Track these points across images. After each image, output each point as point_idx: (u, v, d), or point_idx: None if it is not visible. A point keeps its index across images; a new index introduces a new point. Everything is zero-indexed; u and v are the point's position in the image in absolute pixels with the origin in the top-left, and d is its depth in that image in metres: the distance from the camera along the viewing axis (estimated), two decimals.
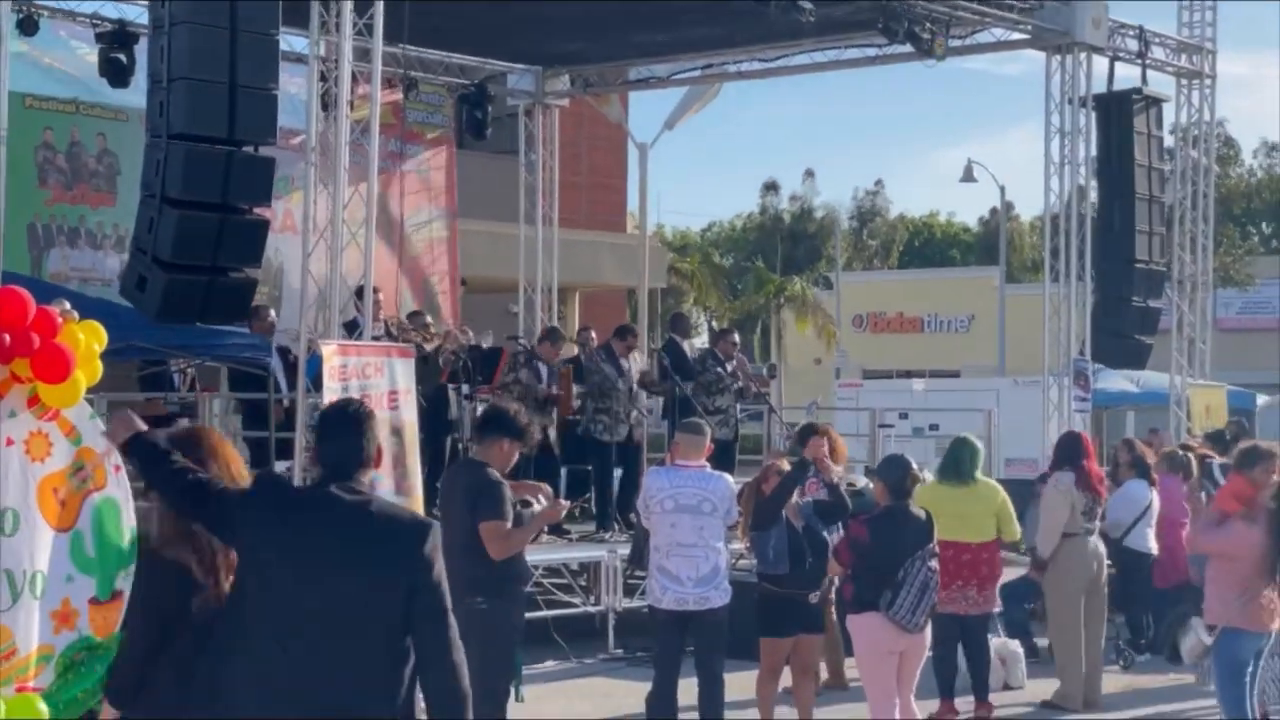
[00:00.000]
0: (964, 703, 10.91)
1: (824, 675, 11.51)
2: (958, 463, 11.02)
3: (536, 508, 8.59)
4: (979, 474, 11.12)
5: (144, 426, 5.34)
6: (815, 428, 11.32)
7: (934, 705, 10.65)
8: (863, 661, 9.13)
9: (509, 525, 8.21)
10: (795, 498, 9.89)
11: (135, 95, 15.03)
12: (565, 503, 9.29)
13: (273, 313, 14.33)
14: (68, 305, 9.31)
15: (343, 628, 4.82)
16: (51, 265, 17.10)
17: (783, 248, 61.05)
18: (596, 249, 25.26)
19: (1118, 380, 22.12)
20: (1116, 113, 17.39)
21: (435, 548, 4.88)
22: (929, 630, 9.06)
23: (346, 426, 5.14)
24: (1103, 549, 11.83)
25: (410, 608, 4.80)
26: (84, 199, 17.22)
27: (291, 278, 17.54)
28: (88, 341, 9.05)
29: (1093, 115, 17.30)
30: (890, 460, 9.37)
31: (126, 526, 9.17)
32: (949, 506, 10.33)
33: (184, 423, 14.33)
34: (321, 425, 5.31)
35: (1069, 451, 11.74)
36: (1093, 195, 17.76)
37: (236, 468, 5.31)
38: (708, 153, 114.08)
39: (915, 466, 9.20)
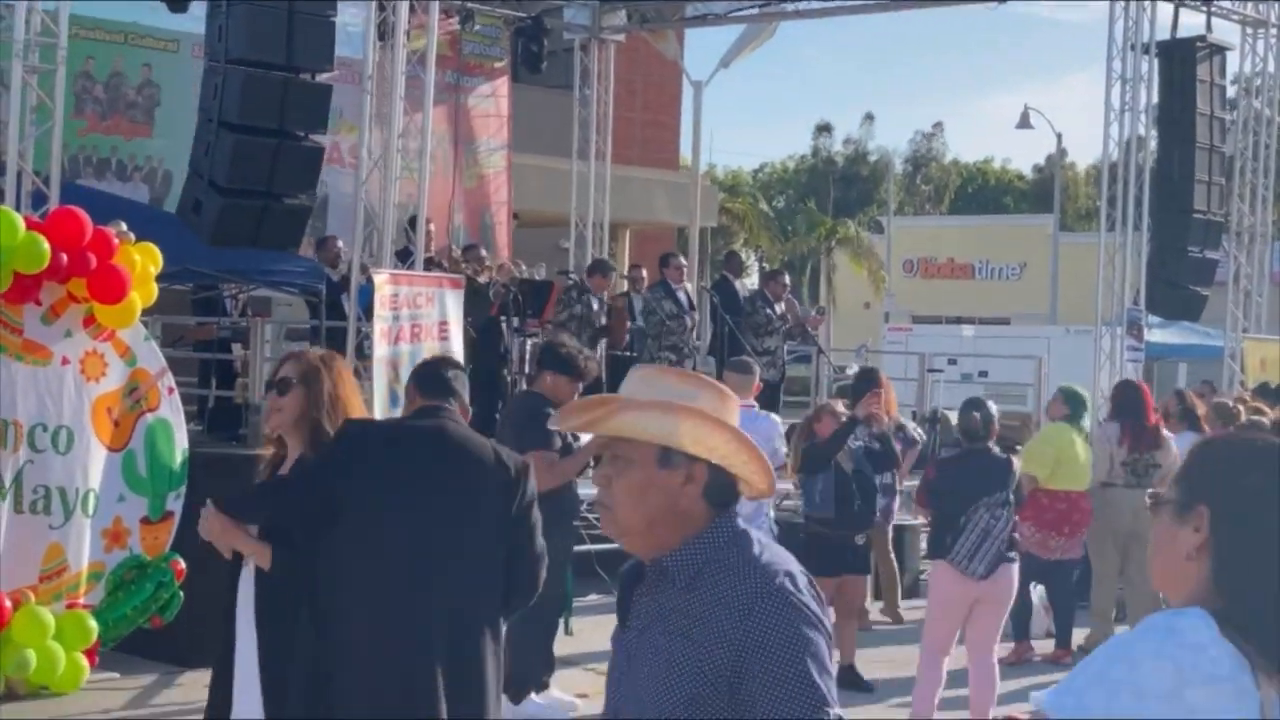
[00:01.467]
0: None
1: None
2: (1080, 407, 11.30)
3: (585, 438, 8.62)
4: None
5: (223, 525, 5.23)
6: (875, 376, 11.24)
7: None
8: (929, 607, 9.04)
9: (556, 456, 8.24)
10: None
11: (191, 21, 15.02)
12: None
13: (341, 242, 14.36)
14: (124, 227, 9.40)
15: (462, 539, 5.01)
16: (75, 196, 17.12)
17: (835, 190, 60.76)
18: (648, 186, 25.14)
19: (1173, 332, 21.97)
20: (1179, 60, 17.12)
21: (533, 485, 5.24)
22: (1008, 579, 8.71)
23: (440, 368, 5.41)
24: None
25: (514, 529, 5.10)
26: (117, 129, 17.22)
27: (339, 210, 17.56)
28: (144, 263, 9.16)
29: (1155, 62, 17.07)
30: (967, 403, 9.23)
31: (179, 448, 9.32)
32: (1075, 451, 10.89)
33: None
34: (419, 369, 5.53)
35: (1121, 403, 11.71)
36: (1152, 144, 17.55)
37: (353, 404, 5.31)
38: (762, 93, 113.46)
39: (991, 408, 9.05)
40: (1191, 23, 17.74)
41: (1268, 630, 2.38)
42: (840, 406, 10.07)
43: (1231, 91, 18.76)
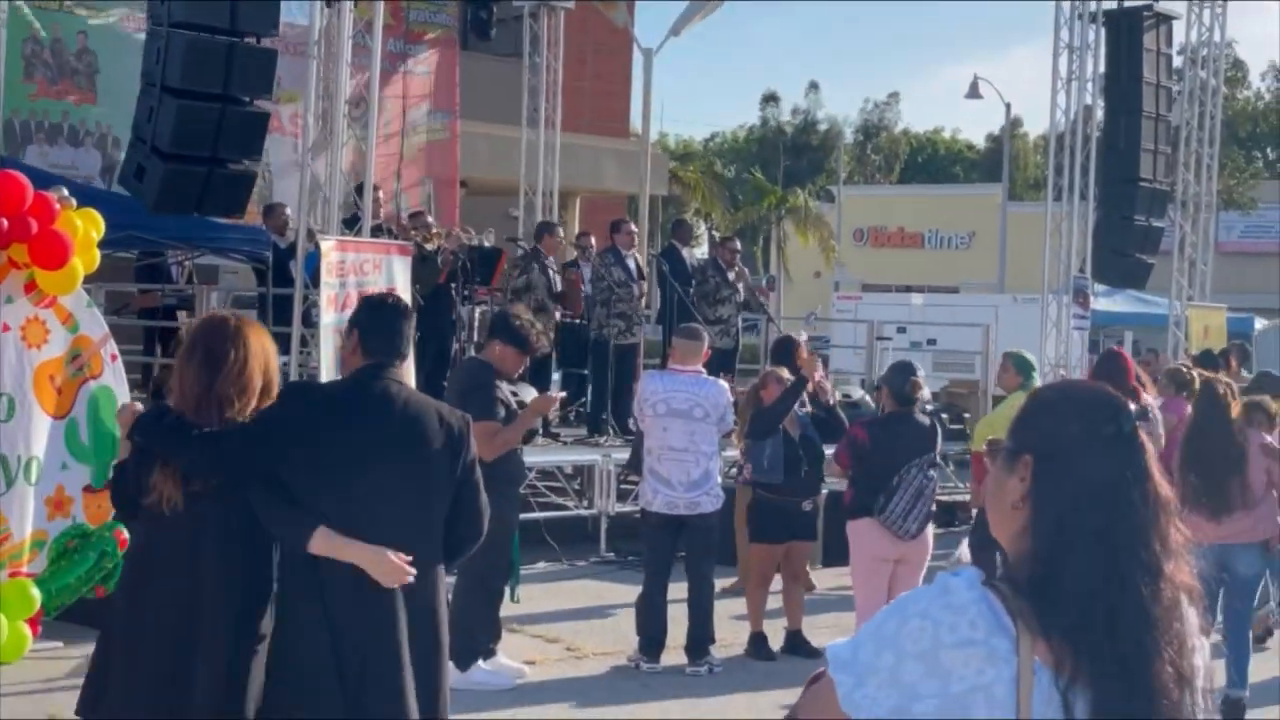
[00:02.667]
0: None
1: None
2: (1031, 372, 11.21)
3: (528, 400, 8.63)
4: None
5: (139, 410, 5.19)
6: (792, 343, 11.29)
7: None
8: (856, 568, 9.14)
9: (499, 425, 8.23)
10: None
11: None
12: (557, 394, 9.28)
13: (289, 210, 14.25)
14: (65, 192, 9.28)
15: (410, 504, 4.99)
16: (29, 162, 16.93)
17: (785, 160, 60.78)
18: (598, 154, 25.09)
19: (1118, 300, 22.10)
20: (1126, 29, 17.23)
21: (472, 441, 5.18)
22: (928, 540, 9.00)
23: (392, 318, 5.20)
24: None
25: (459, 489, 5.10)
26: (67, 94, 17.03)
27: (281, 180, 17.42)
28: (86, 229, 9.03)
29: (1102, 31, 17.16)
30: (896, 366, 9.31)
31: None
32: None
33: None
34: (367, 317, 5.25)
35: (1105, 371, 11.60)
36: (1099, 114, 17.65)
37: (266, 359, 5.17)
38: (713, 62, 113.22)
39: (920, 374, 9.15)
40: None
41: (1058, 583, 2.35)
42: (785, 373, 10.09)
43: (1178, 61, 18.86)
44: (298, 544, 4.85)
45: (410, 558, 4.87)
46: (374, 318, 5.22)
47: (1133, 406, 2.52)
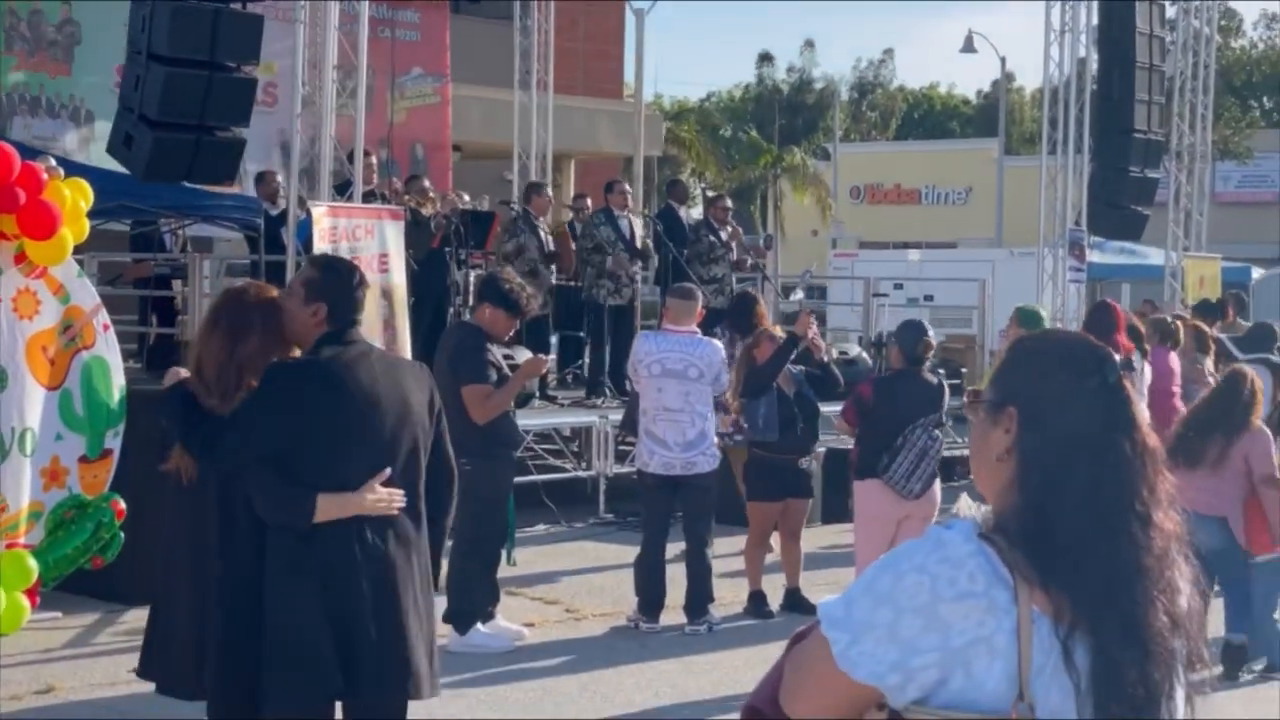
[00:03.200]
0: None
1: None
2: (1039, 326, 11.09)
3: (521, 362, 8.62)
4: None
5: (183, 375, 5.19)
6: (750, 294, 11.38)
7: None
8: (859, 527, 9.15)
9: (491, 388, 8.21)
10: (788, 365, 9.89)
11: None
12: (545, 356, 9.25)
13: (280, 177, 14.19)
14: (53, 162, 9.25)
15: (401, 466, 4.99)
16: (15, 135, 16.86)
17: (781, 118, 60.58)
18: (592, 116, 25.02)
19: (1115, 254, 22.06)
20: None
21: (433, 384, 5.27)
22: (935, 496, 8.98)
23: (350, 281, 5.16)
24: None
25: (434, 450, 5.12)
26: (42, 67, 16.95)
27: (257, 148, 17.26)
28: (74, 198, 9.01)
29: None
30: (906, 325, 9.28)
31: (116, 386, 9.20)
32: None
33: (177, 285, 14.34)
34: (330, 286, 5.14)
35: (1095, 323, 11.57)
36: (1093, 66, 17.57)
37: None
38: (707, 21, 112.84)
39: (930, 333, 9.13)
40: None
41: (1051, 535, 2.34)
42: (779, 331, 10.08)
43: (1171, 11, 18.77)
44: (302, 521, 4.81)
45: (387, 473, 4.92)
46: (336, 285, 5.12)
47: (1117, 357, 2.51)
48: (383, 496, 4.88)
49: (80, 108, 17.06)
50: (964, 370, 17.70)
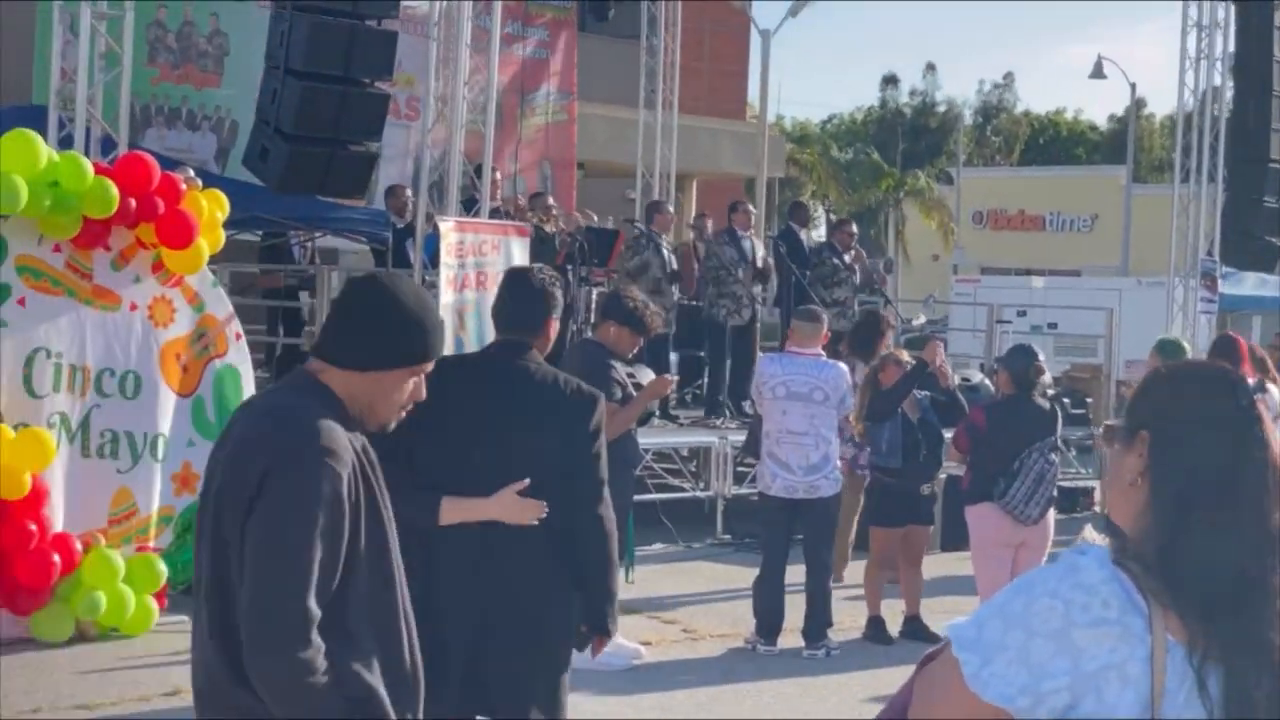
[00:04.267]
0: None
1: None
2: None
3: (646, 382, 8.62)
4: None
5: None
6: (876, 314, 11.30)
7: None
8: (975, 553, 9.04)
9: (617, 405, 8.21)
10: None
11: None
12: (672, 376, 9.25)
13: (409, 191, 14.35)
14: (191, 173, 9.44)
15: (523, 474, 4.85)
16: (147, 145, 17.19)
17: (903, 142, 60.25)
18: (715, 136, 25.01)
19: (1249, 284, 21.61)
20: (1257, 7, 16.86)
21: (601, 419, 5.00)
22: (1050, 524, 8.90)
23: (521, 291, 5.14)
24: None
25: (575, 475, 4.91)
26: (189, 79, 17.26)
27: (390, 164, 17.48)
28: (211, 209, 9.20)
29: (1232, 9, 16.79)
30: (1016, 350, 9.22)
31: (247, 394, 9.35)
32: None
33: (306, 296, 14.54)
34: (501, 292, 5.22)
35: (1217, 355, 11.33)
36: (1228, 93, 17.29)
37: None
38: (831, 43, 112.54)
39: (1041, 358, 9.04)
40: None
41: (1183, 560, 2.32)
42: (905, 356, 10.00)
43: None
44: (429, 520, 4.80)
45: (526, 482, 4.78)
46: (508, 290, 5.18)
47: (1251, 381, 2.47)
48: (524, 506, 4.77)
49: (225, 119, 17.35)
50: (1089, 400, 17.45)
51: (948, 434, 10.21)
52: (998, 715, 2.34)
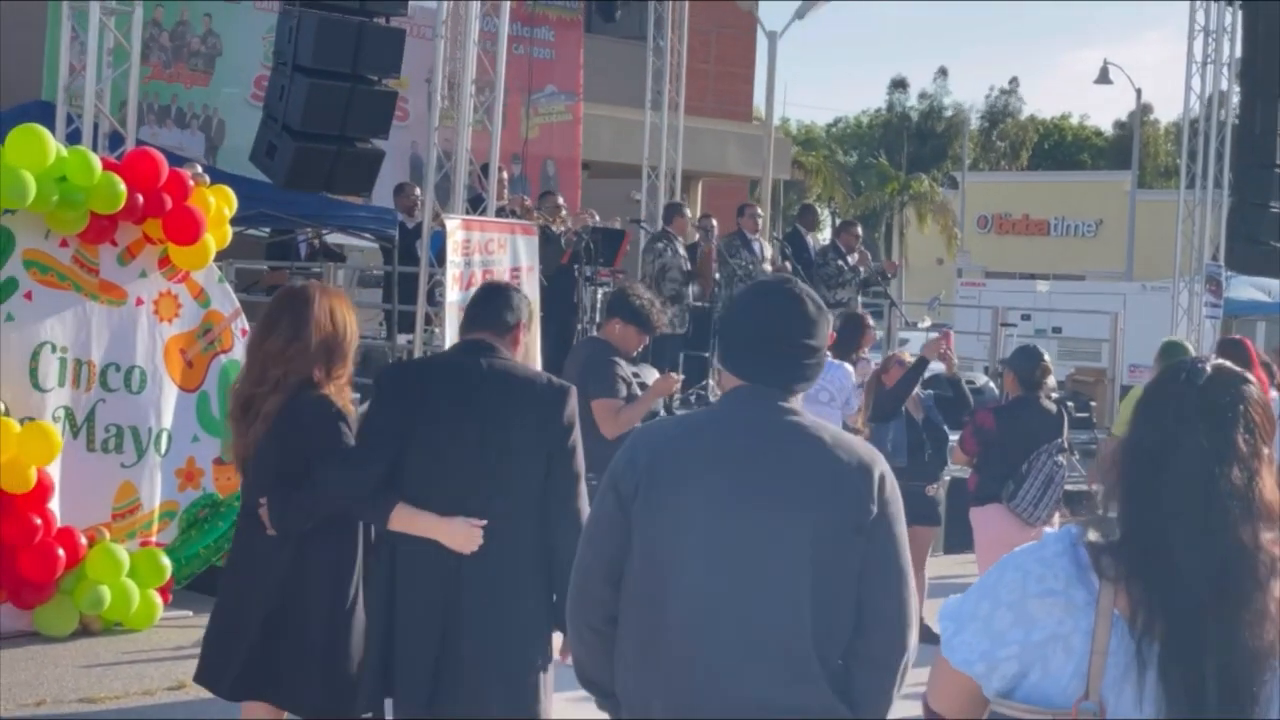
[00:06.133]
0: None
1: None
2: None
3: (650, 382, 8.61)
4: None
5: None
6: (857, 315, 11.34)
7: None
8: (982, 555, 9.04)
9: (622, 403, 8.21)
10: (917, 390, 9.80)
11: None
12: (678, 375, 9.24)
13: (418, 190, 14.36)
14: (199, 168, 9.45)
15: (500, 484, 4.85)
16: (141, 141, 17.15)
17: (909, 146, 60.26)
18: (721, 137, 25.01)
19: (1249, 289, 21.62)
20: (1263, 12, 16.82)
21: (574, 411, 4.95)
22: (1056, 526, 8.91)
23: (492, 296, 5.19)
24: None
25: (550, 468, 4.86)
26: (179, 77, 17.27)
27: (394, 162, 17.47)
28: (218, 205, 9.20)
29: (1239, 13, 16.78)
30: (1022, 350, 9.22)
31: None
32: None
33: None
34: (473, 298, 5.33)
35: (1227, 359, 11.29)
36: (1234, 98, 17.28)
37: (345, 320, 5.25)
38: (837, 46, 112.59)
39: (1047, 359, 9.03)
40: None
41: (1131, 539, 2.37)
42: (908, 356, 10.01)
43: None
44: (379, 521, 4.86)
45: (484, 522, 4.77)
46: (475, 298, 5.27)
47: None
48: (466, 536, 4.77)
49: (214, 118, 17.37)
50: (1093, 404, 17.45)
51: (954, 435, 10.21)
52: (975, 684, 2.45)
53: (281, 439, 5.06)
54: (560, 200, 15.30)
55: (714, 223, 16.79)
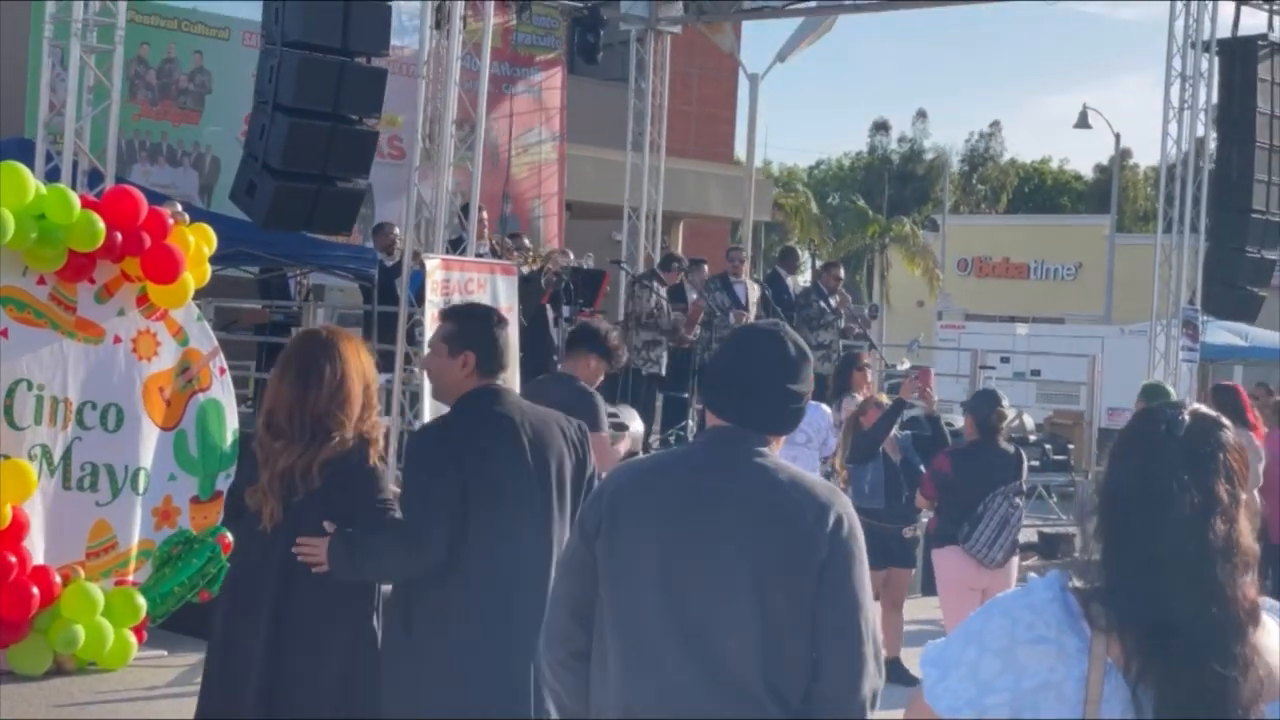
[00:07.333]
0: None
1: None
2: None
3: (635, 426, 8.61)
4: None
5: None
6: (854, 355, 11.40)
7: None
8: (944, 596, 9.11)
9: (608, 435, 8.22)
10: (894, 431, 9.83)
11: (244, 8, 15.00)
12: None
13: (397, 229, 14.38)
14: (179, 207, 9.45)
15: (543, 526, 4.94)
16: (134, 180, 17.11)
17: (890, 188, 60.49)
18: (702, 179, 25.08)
19: (1224, 334, 21.72)
20: (1240, 59, 16.93)
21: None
22: (1014, 569, 8.94)
23: (499, 331, 5.16)
24: None
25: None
26: (167, 115, 17.28)
27: (384, 203, 17.51)
28: (198, 244, 9.21)
29: (1215, 61, 16.90)
30: (980, 394, 9.33)
31: (229, 429, 9.36)
32: None
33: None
34: (480, 335, 5.19)
35: (1221, 405, 11.27)
36: (1211, 144, 17.38)
37: (364, 371, 5.08)
38: (819, 88, 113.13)
39: (1005, 402, 9.12)
40: (1253, 22, 17.56)
41: (1118, 588, 2.37)
42: (885, 399, 10.05)
43: None
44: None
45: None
46: (485, 335, 5.07)
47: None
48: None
49: (205, 155, 17.37)
50: (1071, 446, 17.50)
51: None
52: None
53: (329, 503, 4.92)
54: (528, 241, 15.33)
55: (706, 270, 16.83)
